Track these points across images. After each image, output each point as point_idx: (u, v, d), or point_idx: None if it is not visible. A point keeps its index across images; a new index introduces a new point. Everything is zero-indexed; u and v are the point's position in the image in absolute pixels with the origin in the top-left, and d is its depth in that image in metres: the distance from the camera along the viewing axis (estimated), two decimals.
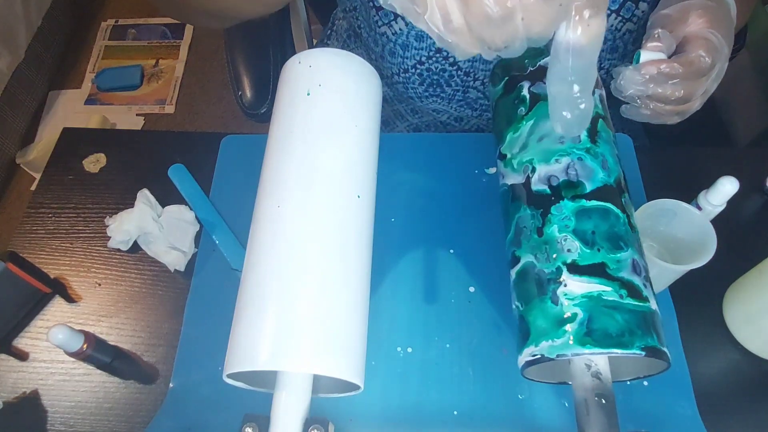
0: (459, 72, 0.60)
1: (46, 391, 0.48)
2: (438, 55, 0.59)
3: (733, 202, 0.48)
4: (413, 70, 0.61)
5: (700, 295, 0.51)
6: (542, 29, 0.28)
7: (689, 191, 0.50)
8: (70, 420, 0.47)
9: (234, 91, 0.74)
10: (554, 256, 0.36)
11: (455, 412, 0.45)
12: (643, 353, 0.33)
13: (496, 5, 0.27)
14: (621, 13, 0.55)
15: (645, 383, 0.46)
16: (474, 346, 0.48)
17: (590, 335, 0.33)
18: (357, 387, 0.37)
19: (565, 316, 0.34)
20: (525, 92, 0.42)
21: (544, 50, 0.42)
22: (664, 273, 0.45)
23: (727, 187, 0.47)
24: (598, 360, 0.36)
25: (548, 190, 0.38)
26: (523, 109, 0.42)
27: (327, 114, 0.41)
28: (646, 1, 0.54)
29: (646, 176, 0.55)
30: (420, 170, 0.58)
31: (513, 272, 0.39)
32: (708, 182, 0.48)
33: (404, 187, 0.57)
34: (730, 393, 0.47)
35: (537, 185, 0.39)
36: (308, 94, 0.41)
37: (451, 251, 0.53)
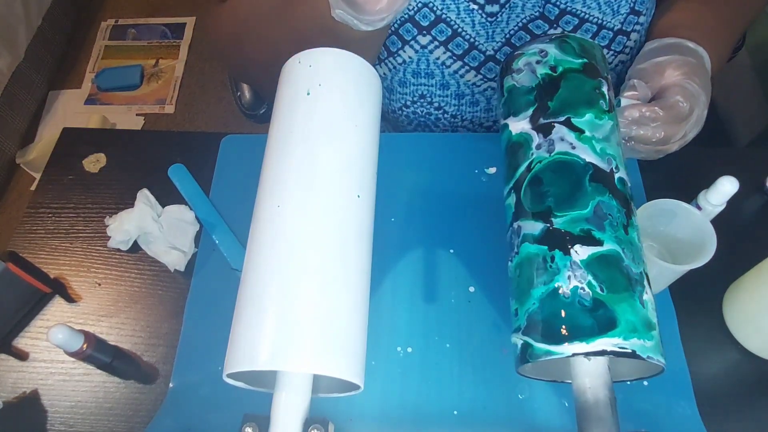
0: (445, 115, 0.62)
1: (46, 391, 0.48)
2: (422, 100, 0.61)
3: (733, 202, 0.48)
4: (400, 112, 0.63)
5: (700, 295, 0.51)
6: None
7: (689, 191, 0.50)
8: (70, 420, 0.47)
9: (233, 92, 0.74)
10: (639, 261, 0.36)
11: (455, 412, 0.45)
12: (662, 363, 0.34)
13: None
14: (612, 47, 0.56)
15: (645, 383, 0.46)
16: (474, 346, 0.48)
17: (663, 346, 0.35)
18: (357, 387, 0.37)
19: (653, 321, 0.35)
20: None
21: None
22: (664, 273, 0.45)
23: (727, 187, 0.47)
24: (603, 360, 0.36)
25: (629, 197, 0.38)
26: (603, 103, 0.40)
27: (327, 114, 0.41)
28: (637, 32, 0.55)
29: (646, 176, 0.55)
30: (420, 170, 0.58)
31: (591, 250, 0.36)
32: (708, 182, 0.48)
33: (404, 187, 0.57)
34: (730, 393, 0.47)
35: (620, 185, 0.38)
36: (308, 94, 0.41)
37: (451, 251, 0.53)
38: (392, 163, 0.56)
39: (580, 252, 0.36)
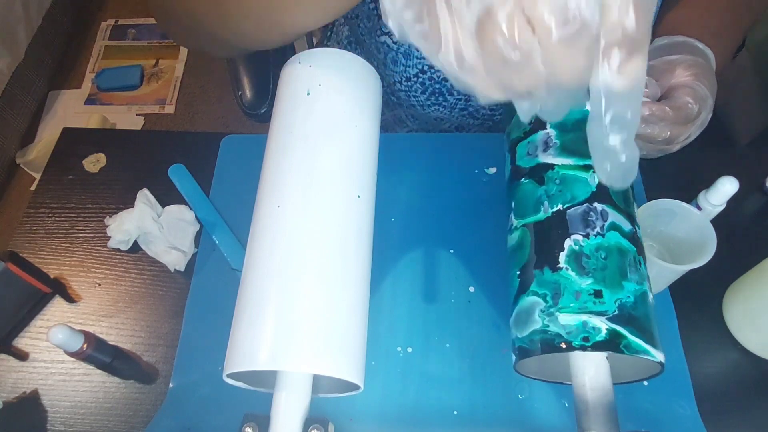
0: None
1: (46, 391, 0.48)
2: None
3: (733, 202, 0.48)
4: (415, 79, 0.61)
5: (700, 295, 0.51)
6: (570, 75, 0.24)
7: (689, 191, 0.50)
8: (70, 420, 0.47)
9: (234, 91, 0.74)
10: None
11: (455, 412, 0.45)
12: None
13: (510, 45, 0.23)
14: None
15: (645, 383, 0.46)
16: (474, 346, 0.48)
17: None
18: (357, 387, 0.37)
19: None
20: None
21: None
22: (664, 273, 0.45)
23: (727, 187, 0.47)
24: (603, 360, 0.36)
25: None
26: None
27: (327, 114, 0.41)
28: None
29: (646, 176, 0.55)
30: (420, 170, 0.58)
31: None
32: (708, 182, 0.48)
33: (404, 187, 0.57)
34: (730, 393, 0.47)
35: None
36: (308, 94, 0.41)
37: (451, 251, 0.53)
38: (392, 163, 0.56)
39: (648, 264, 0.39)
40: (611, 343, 0.34)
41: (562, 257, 0.36)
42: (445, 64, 0.26)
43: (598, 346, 0.34)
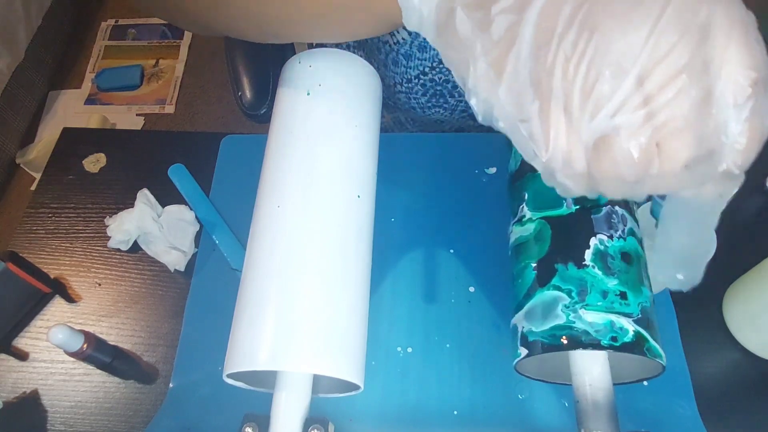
0: None
1: (46, 391, 0.48)
2: (441, 65, 0.59)
3: (733, 202, 0.48)
4: (416, 80, 0.61)
5: (700, 295, 0.50)
6: (670, 190, 0.24)
7: None
8: (70, 420, 0.47)
9: (234, 91, 0.74)
10: None
11: (455, 412, 0.45)
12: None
13: (634, 169, 0.22)
14: None
15: (645, 383, 0.46)
16: (474, 346, 0.48)
17: None
18: (357, 387, 0.37)
19: None
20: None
21: None
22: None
23: None
24: (603, 360, 0.36)
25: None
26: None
27: (327, 114, 0.41)
28: None
29: None
30: (420, 170, 0.58)
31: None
32: None
33: (404, 187, 0.57)
34: (730, 393, 0.47)
35: None
36: (308, 94, 0.41)
37: (451, 251, 0.53)
38: (392, 163, 0.56)
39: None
40: (637, 346, 0.34)
41: (588, 255, 0.36)
42: (546, 166, 0.25)
43: (625, 348, 0.34)
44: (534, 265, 0.38)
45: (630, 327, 0.34)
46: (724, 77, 0.21)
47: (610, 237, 0.37)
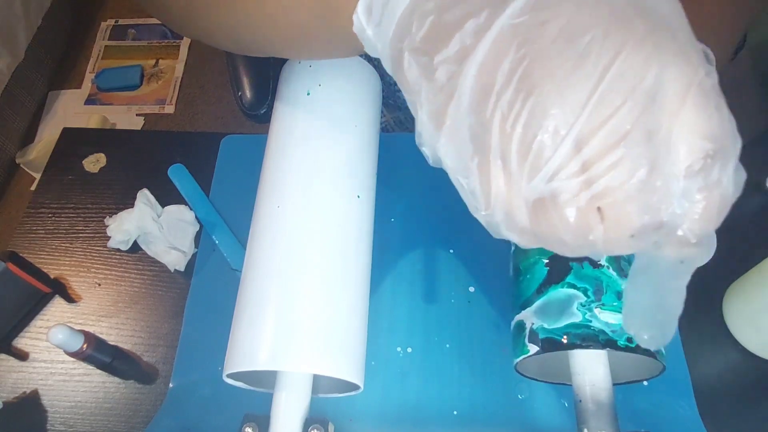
0: None
1: (46, 391, 0.48)
2: None
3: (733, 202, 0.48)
4: None
5: (700, 295, 0.51)
6: (621, 254, 0.23)
7: None
8: (70, 420, 0.47)
9: (234, 91, 0.74)
10: None
11: (455, 412, 0.45)
12: None
13: (572, 235, 0.21)
14: None
15: (645, 383, 0.46)
16: (474, 346, 0.48)
17: None
18: (357, 387, 0.37)
19: None
20: None
21: None
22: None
23: None
24: (603, 360, 0.36)
25: None
26: None
27: (327, 114, 0.41)
28: None
29: None
30: (420, 170, 0.58)
31: None
32: None
33: (404, 187, 0.57)
34: (730, 393, 0.47)
35: None
36: (308, 94, 0.41)
37: (451, 251, 0.53)
38: (392, 163, 0.56)
39: None
40: (648, 349, 0.34)
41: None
42: (489, 222, 0.24)
43: (639, 350, 0.34)
44: (546, 261, 0.38)
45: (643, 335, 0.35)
46: (673, 148, 0.19)
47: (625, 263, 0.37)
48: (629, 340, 0.34)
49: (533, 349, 0.36)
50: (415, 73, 0.23)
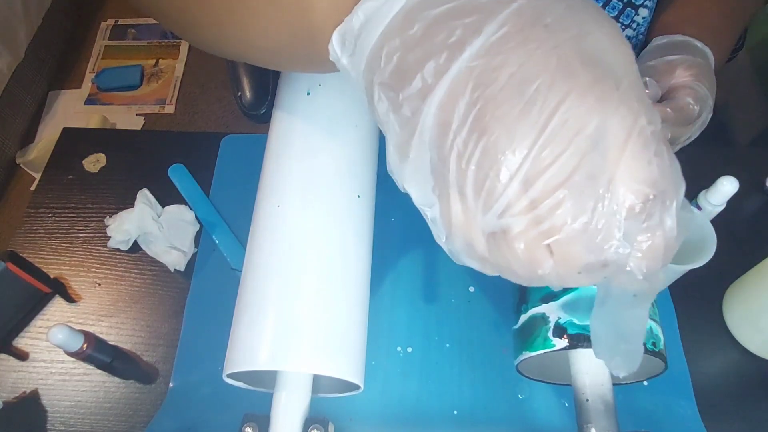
0: None
1: (46, 391, 0.48)
2: None
3: (733, 202, 0.48)
4: None
5: (700, 295, 0.51)
6: (578, 286, 0.24)
7: (689, 191, 0.49)
8: (70, 420, 0.47)
9: (234, 91, 0.74)
10: None
11: (455, 412, 0.45)
12: None
13: (523, 268, 0.22)
14: (620, 20, 0.55)
15: (645, 383, 0.46)
16: (474, 346, 0.48)
17: None
18: (357, 387, 0.37)
19: None
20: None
21: None
22: (663, 273, 0.45)
23: (726, 187, 0.47)
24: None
25: None
26: None
27: (327, 114, 0.41)
28: (646, 7, 0.54)
29: None
30: None
31: None
32: (708, 182, 0.48)
33: None
34: (730, 393, 0.47)
35: None
36: (308, 94, 0.41)
37: None
38: None
39: None
40: (662, 354, 0.36)
41: None
42: (450, 250, 0.25)
43: (658, 354, 0.35)
44: None
45: (661, 335, 0.36)
46: (614, 192, 0.21)
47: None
48: (653, 344, 0.35)
49: (560, 343, 0.36)
50: (384, 106, 0.25)
